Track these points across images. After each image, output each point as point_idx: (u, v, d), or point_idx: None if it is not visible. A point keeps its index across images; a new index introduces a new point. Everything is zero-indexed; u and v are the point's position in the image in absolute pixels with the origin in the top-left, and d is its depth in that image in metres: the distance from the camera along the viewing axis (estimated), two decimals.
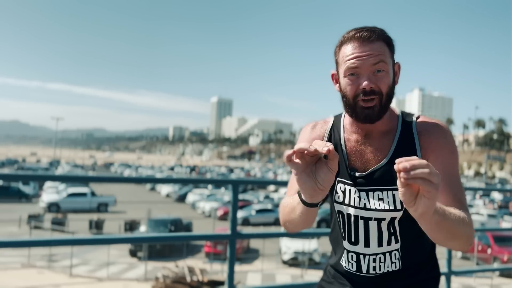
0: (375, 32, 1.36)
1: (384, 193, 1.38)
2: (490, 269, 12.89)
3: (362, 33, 1.35)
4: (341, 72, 1.40)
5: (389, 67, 1.37)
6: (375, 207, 1.39)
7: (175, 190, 45.25)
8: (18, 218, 24.20)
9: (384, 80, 1.35)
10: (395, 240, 1.41)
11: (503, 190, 23.37)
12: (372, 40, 1.35)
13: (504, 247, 18.73)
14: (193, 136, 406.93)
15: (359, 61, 1.34)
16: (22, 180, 38.66)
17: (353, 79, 1.36)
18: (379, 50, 1.35)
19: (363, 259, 1.44)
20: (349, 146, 1.47)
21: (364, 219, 1.41)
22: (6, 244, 2.90)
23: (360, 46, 1.35)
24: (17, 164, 79.26)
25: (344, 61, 1.37)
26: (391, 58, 1.39)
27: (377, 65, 1.34)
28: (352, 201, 1.43)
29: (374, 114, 1.36)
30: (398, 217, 1.38)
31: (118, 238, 4.24)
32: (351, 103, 1.38)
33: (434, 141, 1.40)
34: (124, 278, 16.16)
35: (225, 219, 30.04)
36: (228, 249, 3.03)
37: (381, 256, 1.42)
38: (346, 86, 1.38)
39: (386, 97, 1.37)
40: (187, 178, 4.44)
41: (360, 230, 1.42)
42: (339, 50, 1.41)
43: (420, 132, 1.42)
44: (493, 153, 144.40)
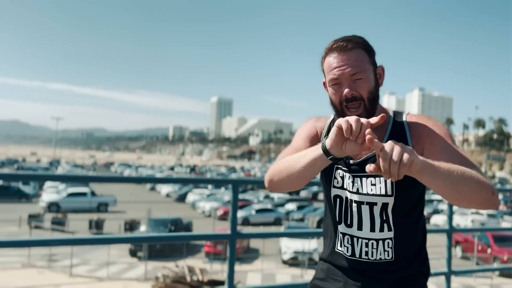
0: (351, 41, 1.45)
1: (376, 179, 1.48)
2: (490, 269, 12.90)
3: (339, 43, 1.45)
4: (327, 82, 1.51)
5: (369, 73, 1.46)
6: (367, 191, 1.49)
7: (175, 190, 45.24)
8: (18, 218, 24.19)
9: (364, 86, 1.45)
10: (388, 228, 1.50)
11: (503, 190, 23.33)
12: (349, 49, 1.44)
13: (504, 247, 18.73)
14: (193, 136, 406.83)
15: (339, 72, 1.45)
16: (22, 180, 38.64)
17: (336, 88, 1.48)
18: (356, 59, 1.44)
19: (356, 242, 1.52)
20: None
21: (357, 203, 1.51)
22: (6, 244, 2.90)
23: (338, 57, 1.45)
24: (17, 163, 78.79)
25: (327, 72, 1.49)
26: (370, 64, 1.48)
27: (355, 75, 1.44)
28: (347, 185, 1.53)
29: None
30: (390, 203, 1.48)
31: (118, 238, 4.24)
32: (339, 110, 1.49)
33: (423, 128, 1.50)
34: (124, 278, 16.16)
35: (225, 219, 30.03)
36: (228, 249, 3.03)
37: (374, 242, 1.50)
38: (332, 95, 1.50)
39: (368, 101, 1.46)
40: (187, 178, 4.45)
41: (354, 213, 1.52)
42: (324, 61, 1.52)
43: (410, 124, 1.53)
44: (493, 153, 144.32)
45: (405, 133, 1.52)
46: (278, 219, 30.58)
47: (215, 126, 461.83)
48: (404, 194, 1.48)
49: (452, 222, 3.94)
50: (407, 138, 1.51)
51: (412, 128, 1.52)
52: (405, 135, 1.52)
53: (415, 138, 1.50)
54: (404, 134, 1.52)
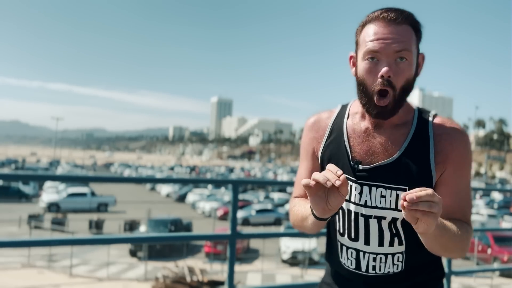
0: (403, 14, 1.26)
1: (387, 191, 1.30)
2: (490, 269, 12.88)
3: (389, 14, 1.25)
4: (360, 55, 1.29)
5: (413, 57, 1.27)
6: (376, 204, 1.32)
7: (175, 190, 45.24)
8: (18, 218, 24.19)
9: (405, 72, 1.26)
10: (399, 242, 1.35)
11: (503, 190, 23.35)
12: (398, 23, 1.24)
13: (504, 247, 18.72)
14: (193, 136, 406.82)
15: (382, 45, 1.24)
16: (22, 180, 38.64)
17: (372, 65, 1.26)
18: (405, 36, 1.24)
19: (362, 256, 1.37)
20: (354, 137, 1.38)
21: (365, 216, 1.34)
22: (6, 244, 2.90)
23: (385, 28, 1.24)
24: (15, 164, 77.38)
25: (365, 43, 1.27)
26: (416, 47, 1.29)
27: (400, 52, 1.24)
28: (353, 197, 1.36)
29: (386, 112, 1.27)
30: (400, 218, 1.32)
31: (118, 238, 4.23)
32: (368, 93, 1.28)
33: (455, 150, 1.30)
34: (124, 278, 16.15)
35: (225, 219, 30.04)
36: (228, 249, 3.03)
37: (382, 256, 1.36)
38: (363, 71, 1.28)
39: (401, 92, 1.27)
40: (187, 178, 4.43)
41: (360, 227, 1.36)
42: (361, 30, 1.31)
43: (437, 135, 1.32)
44: (493, 153, 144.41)
45: (429, 143, 1.32)
46: (278, 219, 30.58)
47: (215, 126, 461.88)
48: None
49: None
50: (430, 152, 1.31)
51: (437, 140, 1.31)
52: (428, 146, 1.31)
53: (439, 156, 1.30)
54: (427, 144, 1.32)
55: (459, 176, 1.31)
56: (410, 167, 1.29)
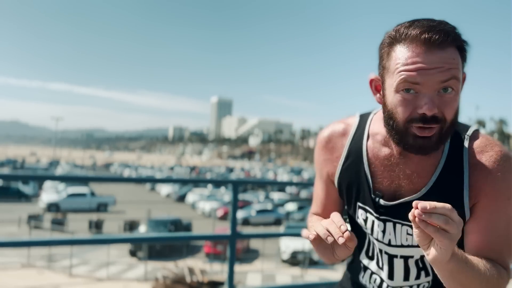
0: (449, 34, 0.99)
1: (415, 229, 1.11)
2: None
3: (432, 35, 0.97)
4: (391, 84, 1.03)
5: (460, 84, 1.02)
6: (402, 243, 1.16)
7: (175, 190, 45.27)
8: (18, 218, 24.20)
9: (452, 104, 1.01)
10: (426, 274, 1.20)
11: None
12: (444, 47, 0.98)
13: None
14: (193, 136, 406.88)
15: (423, 76, 0.98)
16: (22, 180, 38.66)
17: (409, 98, 1.01)
18: (452, 62, 0.99)
19: (386, 287, 1.23)
20: (376, 164, 1.18)
21: (389, 255, 1.20)
22: (6, 244, 2.90)
23: (426, 54, 0.98)
24: (12, 164, 76.26)
25: (398, 70, 1.01)
26: (462, 70, 1.04)
27: (447, 82, 0.99)
28: (375, 233, 1.19)
29: (430, 144, 1.03)
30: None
31: (118, 238, 4.23)
32: (401, 129, 1.04)
33: (490, 183, 1.07)
34: (124, 278, 16.16)
35: (225, 219, 30.05)
36: (228, 249, 3.03)
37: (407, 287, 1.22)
38: (396, 105, 1.03)
39: (450, 126, 1.03)
40: (187, 178, 4.44)
41: (383, 263, 1.21)
42: (390, 51, 1.04)
43: (473, 165, 1.10)
44: None
45: (462, 175, 1.10)
46: (278, 219, 30.60)
47: (215, 126, 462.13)
48: None
49: None
50: (463, 186, 1.09)
51: (472, 170, 1.09)
52: (461, 179, 1.10)
53: (473, 189, 1.08)
54: (460, 176, 1.10)
55: (494, 211, 1.08)
56: (440, 202, 1.05)
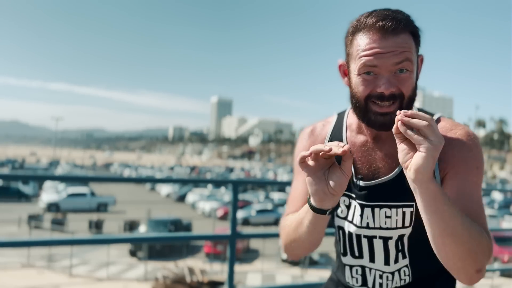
0: (401, 21, 1.11)
1: (392, 211, 1.21)
2: (490, 269, 12.85)
3: (386, 23, 1.09)
4: (354, 68, 1.15)
5: (414, 66, 1.14)
6: (380, 225, 1.23)
7: (175, 190, 45.26)
8: (18, 218, 24.19)
9: (408, 82, 1.12)
10: (403, 256, 1.27)
11: (503, 190, 23.42)
12: (397, 32, 1.10)
13: (505, 247, 18.72)
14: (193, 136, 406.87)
15: (379, 60, 1.10)
16: (22, 180, 38.66)
17: (369, 79, 1.12)
18: (405, 46, 1.10)
19: (369, 272, 1.30)
20: (354, 151, 1.28)
21: (368, 237, 1.27)
22: (6, 244, 2.89)
23: (381, 40, 1.10)
24: (11, 164, 75.19)
25: (358, 56, 1.12)
26: (416, 53, 1.16)
27: (401, 64, 1.10)
28: (354, 219, 1.27)
29: (391, 120, 1.09)
30: (406, 233, 1.23)
31: (118, 238, 4.23)
32: (362, 106, 1.15)
33: (456, 154, 1.16)
34: (124, 278, 16.16)
35: (225, 219, 30.05)
36: (228, 249, 3.02)
37: (389, 275, 1.28)
38: (358, 86, 1.14)
39: (407, 101, 1.14)
40: (187, 178, 4.44)
41: (364, 247, 1.29)
42: (353, 39, 1.16)
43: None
44: (494, 153, 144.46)
45: None
46: (278, 219, 30.58)
47: (215, 126, 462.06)
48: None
49: None
50: None
51: (443, 147, 1.14)
52: None
53: (443, 163, 1.17)
54: None
55: (463, 180, 1.14)
56: None
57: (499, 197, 45.32)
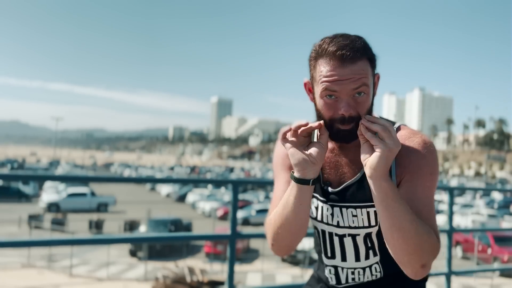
0: (358, 50, 1.22)
1: (358, 210, 1.33)
2: (490, 269, 12.88)
3: (344, 53, 1.20)
4: (317, 90, 1.27)
5: (370, 88, 1.26)
6: (349, 224, 1.35)
7: (175, 190, 45.25)
8: (18, 218, 24.19)
9: (365, 104, 1.25)
10: (373, 254, 1.38)
11: (503, 190, 23.41)
12: (354, 61, 1.21)
13: (505, 247, 18.72)
14: (193, 136, 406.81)
15: (339, 86, 1.22)
16: (22, 180, 38.65)
17: (330, 102, 1.25)
18: (361, 72, 1.22)
19: (341, 271, 1.42)
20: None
21: (339, 236, 1.38)
22: (6, 244, 2.90)
23: (340, 67, 1.21)
24: (11, 164, 73.88)
25: (321, 81, 1.24)
26: (372, 76, 1.28)
27: (358, 89, 1.23)
28: (325, 218, 1.38)
29: (349, 135, 1.27)
30: (374, 231, 1.34)
31: (118, 238, 4.23)
32: (327, 124, 1.28)
33: (412, 161, 1.27)
34: (124, 278, 16.16)
35: (225, 219, 30.04)
36: (228, 249, 3.02)
37: (360, 270, 1.40)
38: (322, 107, 1.27)
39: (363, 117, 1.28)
40: (187, 178, 4.43)
41: (335, 245, 1.40)
42: (315, 64, 1.27)
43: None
44: (494, 153, 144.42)
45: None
46: None
47: (215, 126, 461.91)
48: None
49: (453, 222, 3.94)
50: (392, 165, 1.30)
51: (400, 154, 1.27)
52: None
53: (400, 168, 1.29)
54: None
55: (415, 184, 1.26)
56: None
57: (498, 197, 45.36)
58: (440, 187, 4.26)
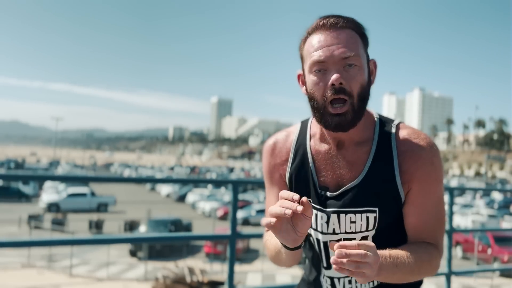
0: (343, 18, 1.18)
1: (357, 216, 1.25)
2: (490, 269, 12.90)
3: (328, 20, 1.17)
4: (307, 68, 1.20)
5: (363, 62, 1.18)
6: (346, 230, 1.27)
7: (175, 190, 45.25)
8: (18, 218, 24.19)
9: (357, 78, 1.16)
10: None
11: (503, 190, 23.39)
12: (340, 27, 1.16)
13: (505, 247, 18.71)
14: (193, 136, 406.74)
15: (326, 52, 1.15)
16: (22, 180, 38.66)
17: (320, 76, 1.17)
18: (350, 40, 1.16)
19: (337, 282, 1.34)
20: (319, 160, 1.31)
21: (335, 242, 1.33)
22: (6, 244, 2.89)
23: (327, 35, 1.16)
24: (6, 164, 71.26)
25: (309, 55, 1.18)
26: (364, 52, 1.20)
27: (348, 59, 1.15)
28: (319, 226, 1.29)
29: (346, 121, 1.17)
30: (370, 235, 1.27)
31: (118, 238, 4.24)
32: (320, 107, 1.19)
33: (420, 168, 1.22)
34: (124, 278, 16.15)
35: (225, 219, 30.04)
36: (228, 249, 3.02)
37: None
38: (312, 85, 1.19)
39: (358, 99, 1.17)
40: (187, 178, 4.44)
41: (331, 254, 1.29)
42: (305, 43, 1.22)
43: (401, 152, 1.24)
44: (493, 153, 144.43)
45: (392, 161, 1.24)
46: None
47: (215, 126, 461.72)
48: (388, 226, 1.28)
49: (453, 222, 3.94)
50: (395, 171, 1.23)
51: (402, 158, 1.23)
52: (392, 164, 1.24)
53: (404, 176, 1.23)
54: (391, 162, 1.24)
55: (426, 195, 1.23)
56: (377, 187, 1.23)
57: (499, 197, 45.35)
58: None
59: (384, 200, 1.23)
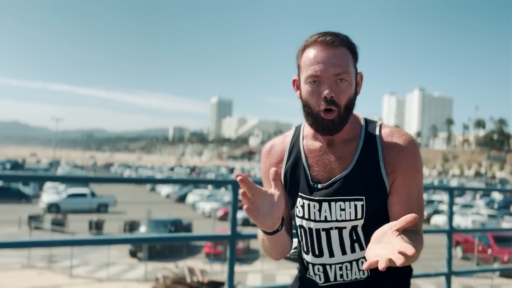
0: (339, 37, 1.34)
1: (346, 204, 1.38)
2: (490, 269, 12.90)
3: (326, 38, 1.33)
4: (303, 78, 1.37)
5: (352, 77, 1.35)
6: (336, 218, 1.39)
7: (175, 191, 45.24)
8: (18, 219, 24.18)
9: (346, 91, 1.34)
10: (360, 247, 1.41)
11: (503, 190, 23.40)
12: (335, 45, 1.33)
13: (505, 248, 18.71)
14: (193, 137, 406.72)
15: (322, 68, 1.32)
16: (22, 181, 38.62)
17: (314, 87, 1.34)
18: (342, 58, 1.33)
19: (329, 268, 1.44)
20: (311, 157, 1.46)
21: (326, 230, 1.41)
22: (6, 244, 2.90)
23: (323, 52, 1.33)
24: (2, 165, 69.52)
25: (306, 67, 1.35)
26: (354, 67, 1.37)
27: (340, 75, 1.32)
28: (312, 215, 1.42)
29: (333, 126, 1.35)
30: (360, 224, 1.38)
31: (118, 238, 4.24)
32: (313, 113, 1.36)
33: (403, 160, 1.37)
34: (124, 278, 16.15)
35: (225, 220, 30.03)
36: (228, 249, 3.03)
37: (347, 264, 1.43)
38: (307, 94, 1.36)
39: (344, 110, 1.35)
40: (187, 179, 4.44)
41: (323, 241, 1.43)
42: (302, 55, 1.39)
43: (384, 146, 1.39)
44: (493, 153, 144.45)
45: (377, 153, 1.39)
46: None
47: (215, 127, 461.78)
48: (375, 215, 1.39)
49: (453, 222, 3.94)
50: (380, 162, 1.38)
51: (386, 151, 1.38)
52: (377, 157, 1.39)
53: (388, 167, 1.37)
54: (376, 155, 1.39)
55: (409, 185, 1.38)
56: (364, 178, 1.38)
57: (498, 197, 45.34)
58: (440, 187, 4.27)
59: (370, 189, 1.37)
